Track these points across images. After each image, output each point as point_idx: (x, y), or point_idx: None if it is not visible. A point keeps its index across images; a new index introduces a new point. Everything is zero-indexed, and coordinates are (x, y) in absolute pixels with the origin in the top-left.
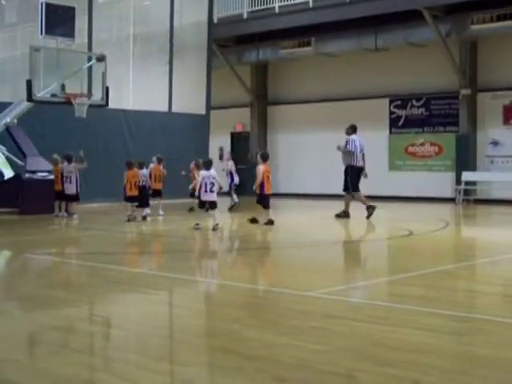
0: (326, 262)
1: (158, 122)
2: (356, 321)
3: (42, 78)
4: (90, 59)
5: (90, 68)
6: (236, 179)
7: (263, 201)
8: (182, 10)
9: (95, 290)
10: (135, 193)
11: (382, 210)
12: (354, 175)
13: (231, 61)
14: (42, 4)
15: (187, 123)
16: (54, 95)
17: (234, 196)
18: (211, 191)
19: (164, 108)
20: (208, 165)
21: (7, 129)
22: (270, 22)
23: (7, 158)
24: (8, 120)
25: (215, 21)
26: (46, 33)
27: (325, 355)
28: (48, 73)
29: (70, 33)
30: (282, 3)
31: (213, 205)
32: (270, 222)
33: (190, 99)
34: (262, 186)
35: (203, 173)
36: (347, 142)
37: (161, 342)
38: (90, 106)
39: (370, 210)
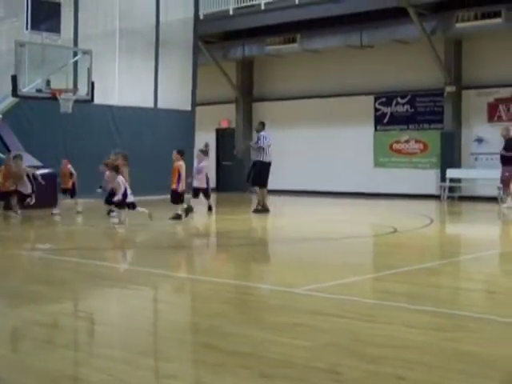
0: (311, 259)
1: (143, 118)
2: (340, 317)
3: (27, 73)
4: (75, 54)
5: (75, 63)
6: None
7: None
8: (168, 6)
9: (79, 286)
10: None
11: (366, 207)
12: (263, 170)
13: (217, 57)
14: None
15: (173, 119)
16: (39, 90)
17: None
18: None
19: (150, 104)
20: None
21: None
22: (255, 18)
23: None
24: None
25: (201, 17)
26: (32, 28)
27: (309, 351)
28: (33, 68)
29: (55, 28)
30: (268, 0)
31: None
32: (178, 217)
33: (175, 95)
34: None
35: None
36: (258, 138)
37: (145, 337)
38: (76, 101)
39: (262, 209)
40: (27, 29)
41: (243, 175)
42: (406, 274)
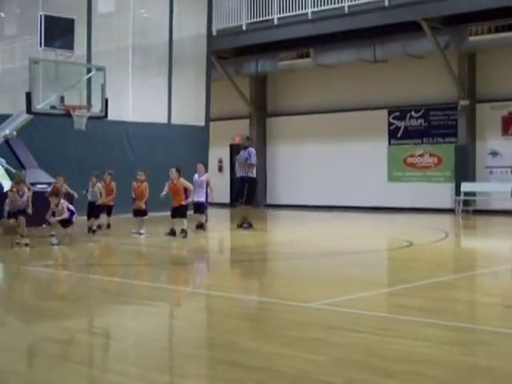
0: (326, 273)
1: (157, 134)
2: (355, 332)
3: (41, 90)
4: (89, 71)
5: (89, 80)
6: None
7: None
8: (181, 22)
9: (94, 302)
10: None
11: (380, 221)
12: (253, 187)
13: (230, 72)
14: (41, 16)
15: (186, 135)
16: (53, 107)
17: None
18: None
19: (163, 119)
20: None
21: (6, 141)
22: (268, 33)
23: (6, 170)
24: (7, 132)
25: (214, 33)
26: (46, 45)
27: (324, 366)
28: (47, 85)
29: (69, 45)
30: (281, 15)
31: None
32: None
33: (189, 111)
34: (186, 197)
35: None
36: (249, 155)
37: (160, 353)
38: (90, 117)
39: (246, 225)
40: (41, 46)
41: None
42: (421, 288)
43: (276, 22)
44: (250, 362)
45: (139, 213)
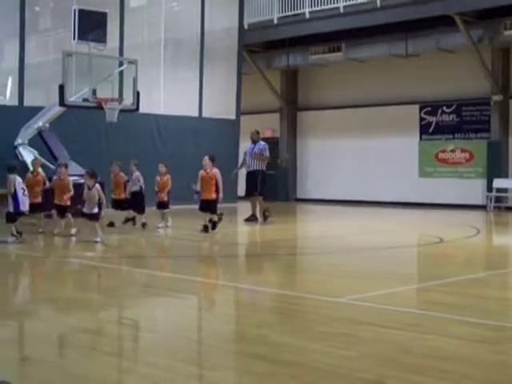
0: (356, 268)
1: (188, 127)
2: (386, 327)
3: (74, 83)
4: (121, 64)
5: (121, 73)
6: None
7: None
8: (213, 16)
9: (125, 294)
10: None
11: (411, 216)
12: (264, 180)
13: (261, 66)
14: (74, 10)
15: (217, 128)
16: (85, 100)
17: None
18: None
19: (194, 113)
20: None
21: (39, 133)
22: (300, 27)
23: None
24: (40, 124)
25: (245, 26)
26: (79, 38)
27: (354, 361)
28: (80, 78)
29: (101, 38)
30: (313, 8)
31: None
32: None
33: (220, 104)
34: (218, 191)
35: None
36: (265, 148)
37: (190, 345)
38: (121, 110)
39: (268, 214)
40: (74, 39)
41: (287, 185)
42: (453, 284)
43: (307, 15)
44: (279, 357)
45: (162, 205)
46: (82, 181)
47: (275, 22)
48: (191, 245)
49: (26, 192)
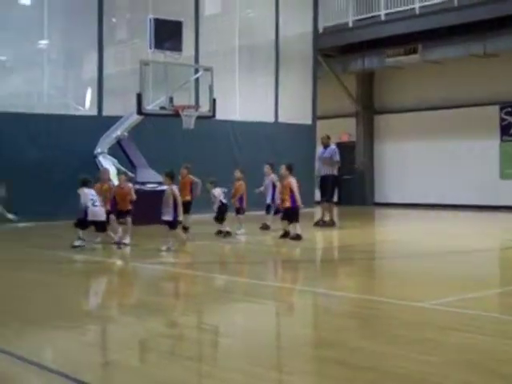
0: (435, 273)
1: (264, 133)
2: (469, 332)
3: (151, 91)
4: (197, 71)
5: (197, 80)
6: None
7: (293, 214)
8: (287, 21)
9: (204, 299)
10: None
11: (491, 219)
12: (335, 185)
13: (336, 70)
14: (150, 20)
15: (293, 133)
16: (162, 108)
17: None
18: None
19: (270, 118)
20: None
21: (118, 141)
22: (375, 30)
23: (118, 170)
24: (119, 133)
25: (320, 30)
26: (155, 47)
27: (435, 367)
28: (157, 86)
29: (177, 46)
30: (388, 10)
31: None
32: (298, 237)
33: (296, 109)
34: (293, 198)
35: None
36: (335, 152)
37: (269, 350)
38: (198, 117)
39: (331, 222)
40: (150, 48)
41: (364, 189)
42: None
43: (383, 17)
44: (358, 362)
45: (236, 211)
46: (160, 188)
47: (350, 25)
48: (268, 250)
49: (98, 203)
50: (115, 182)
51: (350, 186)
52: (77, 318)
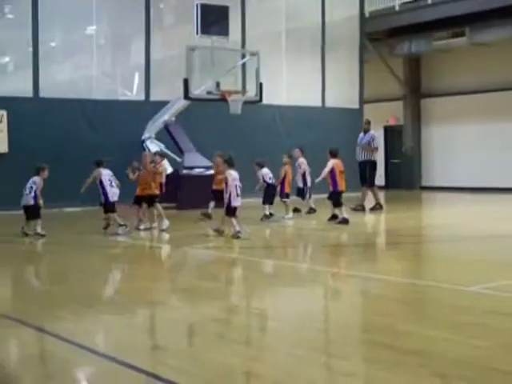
0: (484, 257)
1: (311, 117)
2: None
3: (198, 76)
4: (243, 56)
5: (243, 65)
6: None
7: (334, 197)
8: (334, 4)
9: (252, 283)
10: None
11: None
12: (374, 170)
13: (383, 54)
14: (197, 5)
15: (341, 117)
16: (209, 92)
17: (310, 201)
18: (238, 195)
19: (317, 103)
20: (233, 164)
21: (165, 126)
22: (422, 13)
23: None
24: (166, 118)
25: (367, 14)
26: (202, 32)
27: (487, 351)
28: (203, 71)
29: (224, 31)
30: None
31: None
32: (344, 221)
33: (342, 93)
34: (334, 182)
35: (233, 174)
36: (372, 139)
37: (317, 334)
38: (245, 102)
39: (378, 206)
40: (197, 33)
41: (412, 173)
42: None
43: (430, 1)
44: (407, 346)
45: (280, 195)
46: (208, 172)
47: (397, 8)
48: (316, 235)
49: (114, 183)
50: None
51: (398, 170)
52: (127, 302)
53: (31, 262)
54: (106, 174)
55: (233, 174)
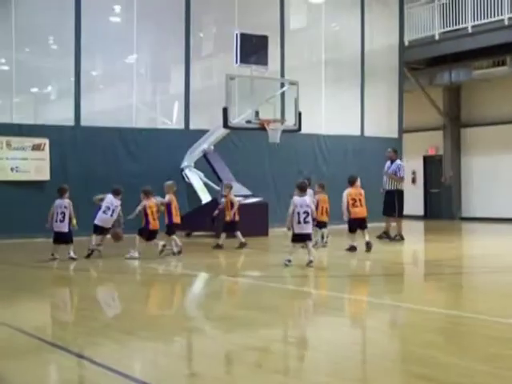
0: None
1: (350, 146)
2: None
3: (237, 105)
4: (282, 85)
5: (282, 94)
6: None
7: (350, 225)
8: (373, 34)
9: (290, 312)
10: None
11: None
12: (403, 200)
13: (423, 83)
14: (236, 35)
15: (379, 147)
16: (248, 121)
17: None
18: (306, 222)
19: (356, 132)
20: (303, 189)
21: (204, 155)
22: (462, 42)
23: (204, 184)
24: (205, 146)
25: (406, 43)
26: (241, 61)
27: None
28: (243, 100)
29: (263, 61)
30: (475, 22)
31: (307, 238)
32: (352, 248)
33: (382, 123)
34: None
35: (296, 199)
36: (399, 168)
37: (356, 365)
38: (284, 131)
39: (399, 238)
40: (237, 62)
41: (452, 203)
42: None
43: (470, 30)
44: (447, 378)
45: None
46: (247, 201)
47: (437, 37)
48: (350, 264)
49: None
50: (201, 195)
51: (437, 200)
52: (164, 329)
53: (70, 287)
54: (145, 204)
55: (297, 200)
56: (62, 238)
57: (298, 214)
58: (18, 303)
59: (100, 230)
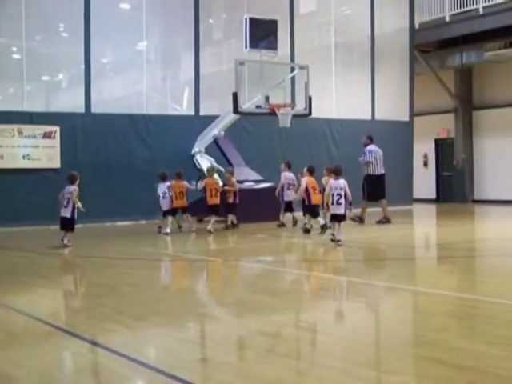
0: None
1: (361, 130)
2: None
3: (246, 91)
4: (292, 70)
5: (292, 78)
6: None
7: (308, 210)
8: (383, 17)
9: (301, 297)
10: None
11: None
12: (376, 184)
13: (434, 66)
14: (245, 19)
15: (391, 130)
16: (258, 106)
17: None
18: (338, 203)
19: (367, 116)
20: (339, 173)
21: (215, 140)
22: (473, 24)
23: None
24: (216, 132)
25: (416, 26)
26: (251, 46)
27: None
28: (252, 85)
29: (273, 45)
30: (486, 3)
31: (341, 218)
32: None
33: (392, 106)
34: (308, 196)
35: (332, 182)
36: (364, 154)
37: (367, 349)
38: (294, 115)
39: (384, 220)
40: (246, 48)
41: (464, 186)
42: None
43: (481, 11)
44: (458, 361)
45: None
46: (257, 186)
47: (447, 19)
48: (363, 247)
49: (167, 195)
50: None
51: (449, 183)
52: (176, 315)
53: (82, 274)
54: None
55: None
56: (62, 223)
57: (333, 195)
58: (31, 290)
59: (170, 213)
